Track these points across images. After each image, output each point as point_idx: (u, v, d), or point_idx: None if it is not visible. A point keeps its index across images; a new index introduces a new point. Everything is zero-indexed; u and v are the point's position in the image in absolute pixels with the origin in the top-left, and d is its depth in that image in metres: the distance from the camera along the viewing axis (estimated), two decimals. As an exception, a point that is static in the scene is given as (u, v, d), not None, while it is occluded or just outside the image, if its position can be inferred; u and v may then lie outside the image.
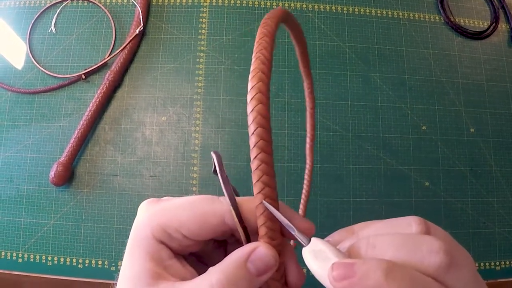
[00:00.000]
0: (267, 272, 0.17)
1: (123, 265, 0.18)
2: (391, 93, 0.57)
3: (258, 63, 0.15)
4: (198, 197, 0.18)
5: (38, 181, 0.53)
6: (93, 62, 0.55)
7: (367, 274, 0.14)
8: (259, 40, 0.16)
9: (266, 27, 0.17)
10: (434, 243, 0.15)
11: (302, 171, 0.53)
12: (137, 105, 0.55)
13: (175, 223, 0.18)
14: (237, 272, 0.16)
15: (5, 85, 0.55)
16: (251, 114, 0.15)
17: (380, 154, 0.55)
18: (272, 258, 0.17)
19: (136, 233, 0.18)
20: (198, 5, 0.59)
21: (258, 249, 0.17)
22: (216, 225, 0.18)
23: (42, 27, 0.58)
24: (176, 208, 0.18)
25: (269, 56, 0.16)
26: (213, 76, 0.56)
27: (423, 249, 0.15)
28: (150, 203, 0.19)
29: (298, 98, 0.56)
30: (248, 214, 0.18)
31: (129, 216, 0.52)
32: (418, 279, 0.15)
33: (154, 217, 0.18)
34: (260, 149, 0.16)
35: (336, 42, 0.58)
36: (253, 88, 0.15)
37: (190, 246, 0.18)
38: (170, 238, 0.18)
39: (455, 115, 0.57)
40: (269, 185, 0.16)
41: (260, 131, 0.15)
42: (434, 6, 0.62)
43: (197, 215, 0.18)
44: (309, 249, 0.16)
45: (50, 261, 0.50)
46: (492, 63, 0.60)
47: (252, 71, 0.15)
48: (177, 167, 0.53)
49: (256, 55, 0.16)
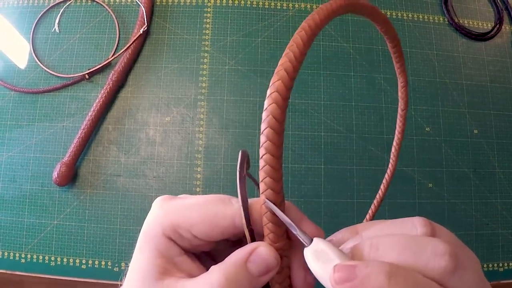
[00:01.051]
0: (268, 273, 0.17)
1: (133, 259, 0.18)
2: (395, 94, 0.57)
3: (285, 60, 0.15)
4: (211, 197, 0.19)
5: (41, 181, 0.52)
6: (96, 62, 0.55)
7: (369, 277, 0.14)
8: (295, 35, 0.15)
9: (309, 21, 0.16)
10: (439, 245, 0.15)
11: (307, 172, 0.53)
12: (141, 106, 0.55)
13: (186, 224, 0.18)
14: (237, 272, 0.16)
15: (9, 84, 0.55)
16: (264, 112, 0.15)
17: (384, 155, 0.55)
18: (273, 259, 0.17)
19: (148, 230, 0.18)
20: (202, 5, 0.59)
21: (259, 249, 0.17)
22: (226, 227, 0.18)
23: (46, 27, 0.58)
24: (188, 208, 0.18)
25: (299, 55, 0.15)
26: (217, 76, 0.56)
27: (428, 252, 0.15)
28: (164, 200, 0.19)
29: (302, 99, 0.56)
30: (257, 216, 0.18)
31: (132, 216, 0.51)
32: (422, 283, 0.14)
33: (166, 216, 0.18)
34: (267, 150, 0.15)
35: (340, 43, 0.58)
36: (272, 85, 0.15)
37: (200, 245, 0.19)
38: (180, 237, 0.18)
39: (459, 116, 0.57)
40: (272, 187, 0.16)
41: (268, 131, 0.15)
42: (438, 7, 0.62)
43: (207, 217, 0.18)
44: (311, 250, 0.16)
45: (53, 262, 0.50)
46: (496, 65, 0.60)
47: (277, 67, 0.15)
48: (181, 167, 0.53)
49: (286, 51, 0.15)
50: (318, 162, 0.54)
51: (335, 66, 0.57)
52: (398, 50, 0.23)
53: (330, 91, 0.56)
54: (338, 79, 0.57)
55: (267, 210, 0.16)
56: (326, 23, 0.16)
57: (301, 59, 0.15)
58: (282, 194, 0.17)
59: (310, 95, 0.56)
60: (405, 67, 0.24)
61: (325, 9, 0.16)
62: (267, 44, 0.57)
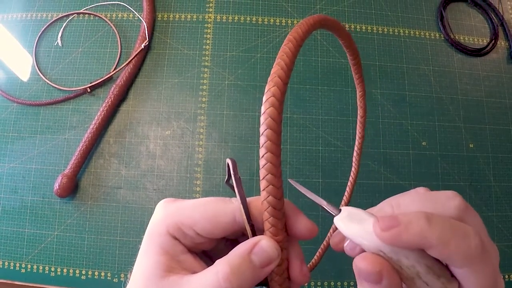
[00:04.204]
0: (270, 264, 0.18)
1: (137, 259, 0.19)
2: (391, 109, 0.58)
3: (277, 68, 0.16)
4: (211, 198, 0.20)
5: (43, 193, 0.53)
6: (98, 76, 0.56)
7: (411, 223, 0.16)
8: (283, 46, 0.17)
9: (293, 34, 0.17)
10: (448, 192, 0.18)
11: (304, 185, 0.54)
12: (142, 119, 0.56)
13: (190, 222, 0.19)
14: (242, 263, 0.17)
15: (11, 96, 0.56)
16: (263, 116, 0.16)
17: (381, 169, 0.55)
18: (274, 251, 0.18)
19: (153, 230, 0.19)
20: (203, 21, 0.60)
21: (261, 242, 0.18)
22: (228, 223, 0.19)
23: (49, 40, 0.59)
24: (190, 207, 0.19)
25: (289, 63, 0.17)
26: (217, 91, 0.57)
27: (442, 198, 0.18)
28: (167, 202, 0.20)
29: (300, 114, 0.57)
30: (257, 213, 0.19)
31: (132, 228, 0.52)
32: (454, 223, 0.16)
33: (170, 215, 0.19)
34: (267, 149, 0.16)
35: (338, 59, 0.59)
36: (268, 91, 0.16)
37: (202, 243, 0.20)
38: (184, 235, 0.19)
39: (455, 131, 0.58)
40: (274, 183, 0.17)
41: (269, 132, 0.16)
42: (435, 24, 0.63)
43: (209, 214, 0.19)
44: (341, 216, 0.18)
45: (53, 272, 0.51)
46: (491, 80, 0.61)
47: (271, 75, 0.16)
48: (181, 180, 0.54)
49: (277, 60, 0.17)
50: (315, 176, 0.55)
51: (332, 81, 0.58)
52: (357, 62, 0.25)
53: (328, 106, 0.57)
54: (335, 94, 0.58)
55: (268, 206, 0.17)
56: (308, 36, 0.18)
57: (291, 67, 0.17)
58: (282, 190, 0.18)
59: (308, 109, 0.57)
60: (363, 78, 0.27)
61: (305, 24, 0.18)
62: (266, 60, 0.58)
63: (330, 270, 0.51)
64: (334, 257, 0.52)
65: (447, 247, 0.16)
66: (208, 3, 0.61)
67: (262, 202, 0.18)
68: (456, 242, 0.16)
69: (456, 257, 0.16)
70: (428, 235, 0.16)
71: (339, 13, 0.61)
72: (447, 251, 0.16)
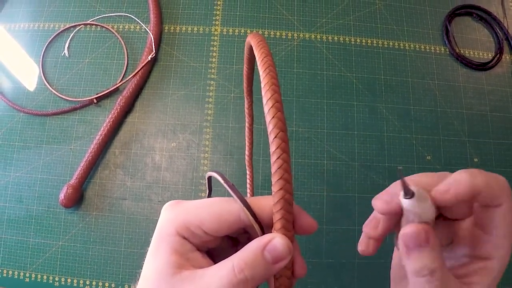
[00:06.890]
0: (282, 260, 0.18)
1: (146, 260, 0.20)
2: (396, 123, 0.58)
3: (270, 77, 0.18)
4: (215, 198, 0.21)
5: (48, 202, 0.53)
6: (105, 87, 0.56)
7: (458, 180, 0.18)
8: (263, 59, 0.19)
9: (262, 48, 0.19)
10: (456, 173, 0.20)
11: (309, 199, 0.54)
12: (148, 131, 0.56)
13: (197, 221, 0.20)
14: (255, 259, 0.18)
15: (18, 106, 0.56)
16: (271, 122, 0.18)
17: (385, 183, 0.55)
18: (287, 248, 0.18)
19: (161, 231, 0.20)
20: (209, 34, 0.60)
21: (275, 240, 0.18)
22: (233, 222, 0.20)
23: (55, 51, 0.59)
24: (197, 208, 0.20)
25: (275, 72, 0.19)
26: (222, 104, 0.57)
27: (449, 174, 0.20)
28: (173, 205, 0.21)
29: (306, 127, 0.57)
30: (259, 211, 0.20)
31: (137, 239, 0.52)
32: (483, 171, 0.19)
33: (178, 216, 0.20)
34: (283, 150, 0.17)
35: (343, 73, 0.60)
36: (270, 98, 0.18)
37: (209, 241, 0.21)
38: (192, 234, 0.20)
39: (460, 145, 0.58)
40: (289, 180, 0.18)
41: (281, 135, 0.17)
42: (440, 38, 0.63)
43: (216, 214, 0.20)
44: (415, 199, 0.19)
45: (57, 282, 0.51)
46: (496, 94, 0.61)
47: (266, 84, 0.18)
48: (186, 192, 0.54)
49: (265, 71, 0.18)
50: (320, 190, 0.55)
51: (338, 95, 0.59)
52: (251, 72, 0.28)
53: (333, 120, 0.58)
54: (340, 108, 0.58)
55: (282, 205, 0.18)
56: None
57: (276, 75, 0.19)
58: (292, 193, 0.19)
59: (313, 123, 0.57)
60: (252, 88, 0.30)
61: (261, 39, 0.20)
62: (272, 73, 0.58)
63: (333, 284, 0.52)
64: (338, 270, 0.52)
65: (491, 188, 0.18)
66: (215, 16, 0.61)
67: (278, 200, 0.18)
68: (494, 181, 0.18)
69: (499, 193, 0.18)
70: (475, 183, 0.18)
71: (345, 26, 0.62)
72: (491, 191, 0.18)
